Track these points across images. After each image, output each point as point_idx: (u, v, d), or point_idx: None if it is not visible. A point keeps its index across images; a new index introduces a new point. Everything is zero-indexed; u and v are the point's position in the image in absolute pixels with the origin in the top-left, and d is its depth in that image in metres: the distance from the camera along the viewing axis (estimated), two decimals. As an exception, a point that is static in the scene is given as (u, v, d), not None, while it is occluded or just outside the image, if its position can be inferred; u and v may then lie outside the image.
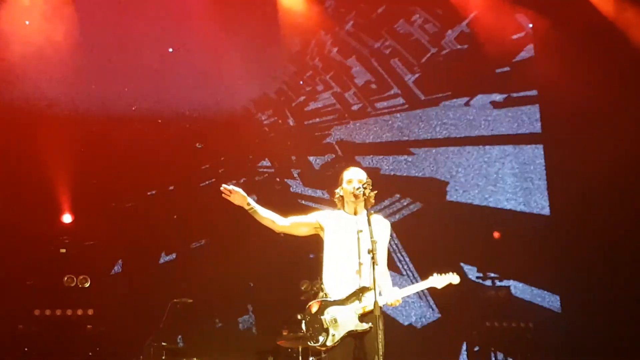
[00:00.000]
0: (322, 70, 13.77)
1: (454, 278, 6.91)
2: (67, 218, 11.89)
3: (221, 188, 6.91)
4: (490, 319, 12.15)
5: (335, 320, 6.62)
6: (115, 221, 12.06)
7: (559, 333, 12.56)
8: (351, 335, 6.59)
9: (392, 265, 8.30)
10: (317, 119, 13.73)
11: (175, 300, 10.54)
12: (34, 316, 11.07)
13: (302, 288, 10.60)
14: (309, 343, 6.69)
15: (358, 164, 9.87)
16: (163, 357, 10.28)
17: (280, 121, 13.48)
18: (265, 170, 13.23)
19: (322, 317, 6.64)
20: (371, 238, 6.48)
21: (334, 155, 13.48)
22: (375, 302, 6.33)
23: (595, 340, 12.05)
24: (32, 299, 11.16)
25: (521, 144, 14.00)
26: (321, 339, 6.60)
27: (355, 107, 13.81)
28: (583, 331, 12.34)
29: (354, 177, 7.03)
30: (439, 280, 6.89)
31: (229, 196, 6.94)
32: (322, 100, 13.77)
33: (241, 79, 12.72)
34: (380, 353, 6.32)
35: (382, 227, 6.96)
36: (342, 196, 7.08)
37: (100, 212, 12.03)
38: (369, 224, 6.57)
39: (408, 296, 7.08)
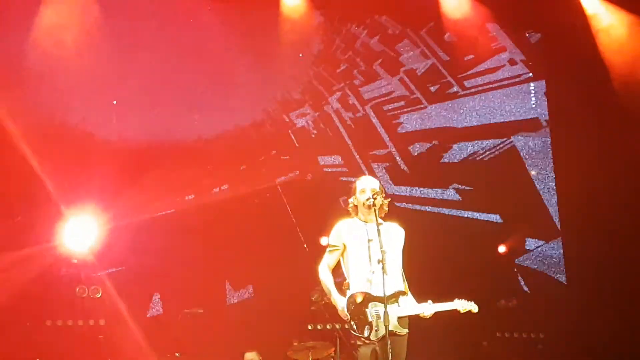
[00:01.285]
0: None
1: (474, 306, 7.08)
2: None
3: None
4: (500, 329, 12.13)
5: (379, 317, 6.66)
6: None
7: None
8: (391, 335, 6.56)
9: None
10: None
11: (185, 310, 10.56)
12: (46, 326, 11.10)
13: (313, 299, 10.60)
14: (353, 332, 6.70)
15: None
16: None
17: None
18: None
19: (366, 309, 6.70)
20: (380, 248, 6.55)
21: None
22: (385, 312, 6.42)
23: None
24: (44, 310, 11.18)
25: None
26: (366, 332, 6.64)
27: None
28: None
29: (366, 187, 7.08)
30: (462, 305, 7.03)
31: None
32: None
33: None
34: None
35: (394, 235, 7.02)
36: (355, 205, 7.14)
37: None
38: (379, 234, 6.63)
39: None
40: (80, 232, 11.40)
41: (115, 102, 12.29)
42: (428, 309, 6.82)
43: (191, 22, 12.34)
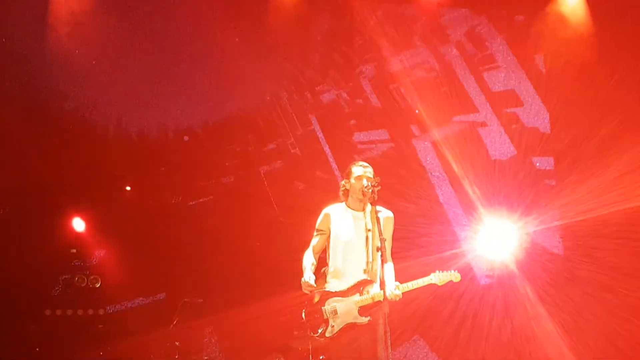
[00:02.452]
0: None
1: (454, 276, 6.80)
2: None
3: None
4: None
5: (335, 312, 6.60)
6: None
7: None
8: (350, 327, 6.56)
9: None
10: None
11: (185, 299, 10.53)
12: (45, 316, 11.08)
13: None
14: (308, 332, 6.68)
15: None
16: (176, 357, 10.27)
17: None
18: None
19: (323, 307, 6.63)
20: (380, 236, 6.43)
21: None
22: (384, 295, 6.26)
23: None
24: (43, 299, 11.16)
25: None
26: (320, 329, 6.60)
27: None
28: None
29: (364, 174, 6.97)
30: (440, 277, 6.76)
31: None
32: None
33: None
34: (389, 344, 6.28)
35: (387, 220, 6.89)
36: (347, 190, 7.02)
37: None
38: (378, 222, 6.53)
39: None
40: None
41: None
42: (393, 292, 6.49)
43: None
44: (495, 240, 11.03)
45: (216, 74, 11.72)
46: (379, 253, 6.36)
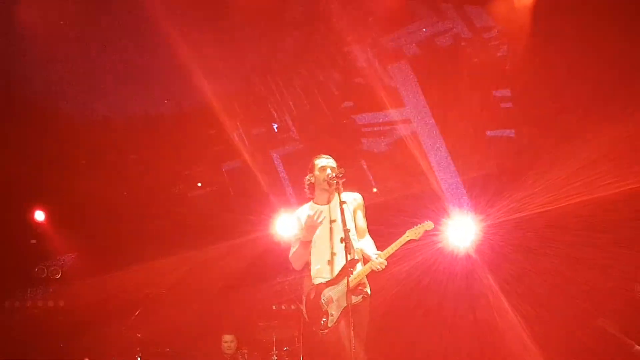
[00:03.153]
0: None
1: (427, 224, 7.08)
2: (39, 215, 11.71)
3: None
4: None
5: (332, 300, 6.64)
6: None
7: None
8: (346, 310, 6.57)
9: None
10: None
11: (147, 291, 10.48)
12: (4, 307, 10.96)
13: None
14: (314, 329, 6.72)
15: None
16: (138, 349, 10.21)
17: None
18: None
19: (321, 300, 6.71)
20: (344, 227, 6.46)
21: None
22: (348, 287, 6.39)
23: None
24: (2, 290, 11.02)
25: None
26: (322, 321, 6.65)
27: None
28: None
29: (327, 165, 7.01)
30: (415, 232, 7.02)
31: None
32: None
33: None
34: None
35: (354, 203, 6.98)
36: (313, 183, 7.04)
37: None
38: (342, 213, 6.55)
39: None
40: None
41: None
42: (374, 261, 6.73)
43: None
44: (459, 232, 11.11)
45: (186, 60, 11.64)
46: (343, 244, 6.41)
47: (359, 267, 6.81)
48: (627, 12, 9.93)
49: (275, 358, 9.59)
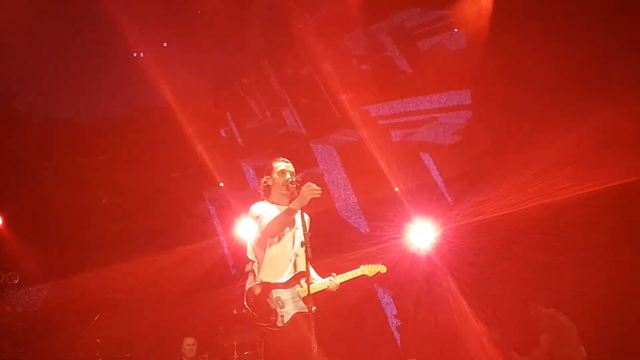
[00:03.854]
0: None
1: (381, 267, 7.20)
2: None
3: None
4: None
5: (282, 302, 6.63)
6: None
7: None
8: (299, 316, 6.60)
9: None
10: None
11: (108, 295, 10.41)
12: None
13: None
14: (259, 323, 6.58)
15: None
16: (97, 354, 10.14)
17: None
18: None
19: (267, 299, 6.61)
20: (305, 232, 6.50)
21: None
22: (309, 292, 6.36)
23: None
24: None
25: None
26: (272, 319, 6.56)
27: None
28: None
29: (286, 169, 7.01)
30: (369, 269, 7.14)
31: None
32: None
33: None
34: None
35: (307, 220, 6.94)
36: (269, 186, 7.04)
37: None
38: (302, 218, 6.58)
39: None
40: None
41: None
42: (333, 281, 6.81)
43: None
44: (420, 236, 11.20)
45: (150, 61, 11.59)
46: (304, 248, 6.41)
47: (315, 280, 6.81)
48: (586, 20, 10.11)
49: (236, 362, 9.58)
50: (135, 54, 11.33)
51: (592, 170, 9.96)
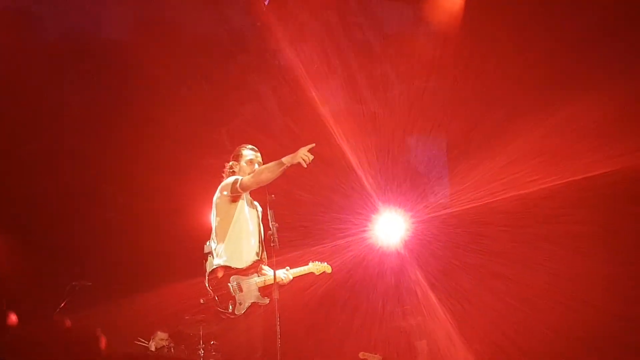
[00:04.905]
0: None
1: (327, 267, 7.46)
2: None
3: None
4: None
5: (241, 289, 6.58)
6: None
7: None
8: (254, 307, 6.61)
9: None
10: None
11: (73, 282, 10.24)
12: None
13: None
14: (217, 309, 6.58)
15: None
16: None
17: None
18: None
19: (229, 284, 6.60)
20: (271, 221, 6.54)
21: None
22: (275, 279, 6.54)
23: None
24: None
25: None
26: (230, 307, 6.54)
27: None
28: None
29: (255, 159, 7.00)
30: (317, 267, 7.36)
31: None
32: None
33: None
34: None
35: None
36: (234, 172, 6.99)
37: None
38: (268, 206, 6.58)
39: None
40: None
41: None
42: (287, 275, 6.94)
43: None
44: (388, 228, 11.17)
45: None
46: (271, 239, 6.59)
47: (268, 272, 6.84)
48: (554, 13, 10.13)
49: (202, 352, 9.45)
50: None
51: (561, 163, 10.00)
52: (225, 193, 6.78)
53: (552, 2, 10.24)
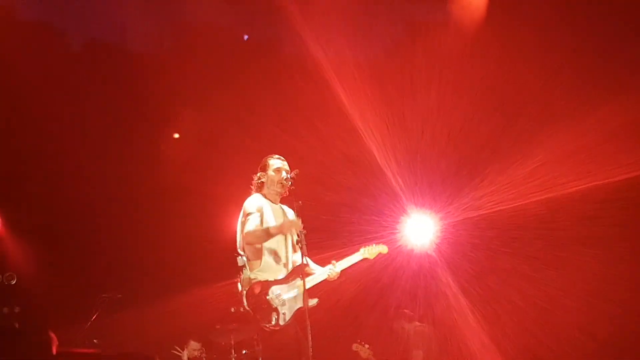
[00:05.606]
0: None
1: (382, 247, 7.41)
2: None
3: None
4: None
5: (282, 299, 6.54)
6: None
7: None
8: (299, 312, 6.57)
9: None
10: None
11: (104, 295, 10.25)
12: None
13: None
14: (261, 324, 6.55)
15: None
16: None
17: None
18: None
19: (267, 297, 6.55)
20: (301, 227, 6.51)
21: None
22: (305, 290, 6.42)
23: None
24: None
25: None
26: (273, 319, 6.52)
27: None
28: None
29: (282, 167, 6.98)
30: (370, 251, 7.30)
31: None
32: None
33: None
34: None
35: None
36: (263, 182, 6.97)
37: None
38: (297, 214, 6.56)
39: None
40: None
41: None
42: (333, 270, 6.91)
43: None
44: (418, 230, 11.08)
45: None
46: (298, 245, 6.55)
47: (311, 274, 6.81)
48: (580, 15, 10.01)
49: (234, 361, 9.44)
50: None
51: (593, 165, 9.91)
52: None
53: (577, 5, 10.11)
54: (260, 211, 6.80)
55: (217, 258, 10.75)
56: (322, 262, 7.26)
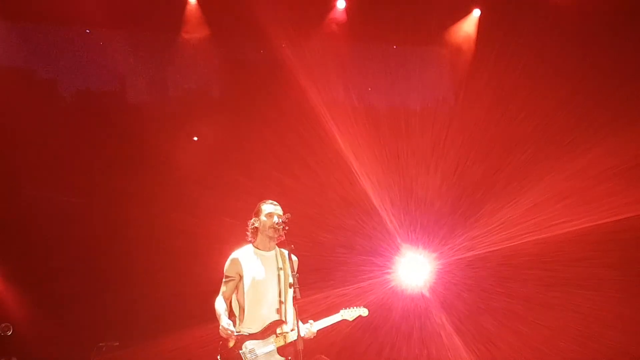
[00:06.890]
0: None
1: (362, 310, 7.20)
2: None
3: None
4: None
5: (256, 354, 6.51)
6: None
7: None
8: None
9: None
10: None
11: (100, 343, 10.22)
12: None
13: None
14: None
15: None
16: None
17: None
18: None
19: (240, 351, 6.51)
20: (292, 272, 6.42)
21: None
22: (299, 336, 6.33)
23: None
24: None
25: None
26: None
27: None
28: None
29: (275, 212, 6.94)
30: (350, 314, 7.13)
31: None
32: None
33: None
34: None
35: (294, 262, 6.85)
36: (257, 228, 6.95)
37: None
38: (289, 260, 6.51)
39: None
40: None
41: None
42: (310, 330, 6.79)
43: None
44: (413, 270, 11.09)
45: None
46: (292, 290, 6.39)
47: (288, 328, 6.74)
48: (573, 56, 10.14)
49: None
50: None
51: (586, 206, 9.95)
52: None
53: (574, 44, 10.23)
54: (238, 275, 6.76)
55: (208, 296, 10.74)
56: (316, 303, 7.26)
